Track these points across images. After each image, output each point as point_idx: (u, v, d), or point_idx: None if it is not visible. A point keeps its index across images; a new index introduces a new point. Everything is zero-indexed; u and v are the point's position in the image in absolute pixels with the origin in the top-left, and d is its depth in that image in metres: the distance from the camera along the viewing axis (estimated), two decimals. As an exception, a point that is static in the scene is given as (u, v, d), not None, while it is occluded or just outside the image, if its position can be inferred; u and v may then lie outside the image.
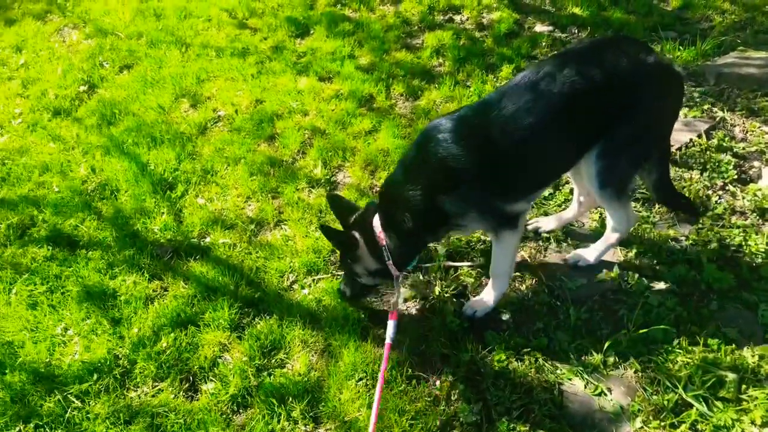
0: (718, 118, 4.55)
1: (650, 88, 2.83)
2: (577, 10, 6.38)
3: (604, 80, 2.77)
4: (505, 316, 3.22)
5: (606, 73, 2.78)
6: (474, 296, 3.36)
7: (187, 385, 3.08)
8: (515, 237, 3.08)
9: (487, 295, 3.27)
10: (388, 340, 2.93)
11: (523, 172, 2.90)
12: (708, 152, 4.17)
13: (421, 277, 3.50)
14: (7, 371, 3.16)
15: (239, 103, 5.22)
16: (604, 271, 3.39)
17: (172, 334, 3.27)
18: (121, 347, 3.25)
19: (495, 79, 5.31)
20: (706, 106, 4.70)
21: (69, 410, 2.96)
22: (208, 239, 3.91)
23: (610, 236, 3.37)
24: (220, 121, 5.09)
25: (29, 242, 3.97)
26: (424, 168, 2.92)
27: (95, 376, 3.11)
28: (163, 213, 4.10)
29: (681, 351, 2.93)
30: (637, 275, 3.34)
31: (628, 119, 2.84)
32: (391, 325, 3.00)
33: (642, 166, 3.06)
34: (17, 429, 2.91)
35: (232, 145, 4.70)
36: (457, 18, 6.55)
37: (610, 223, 3.33)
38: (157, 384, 3.08)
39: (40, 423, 2.92)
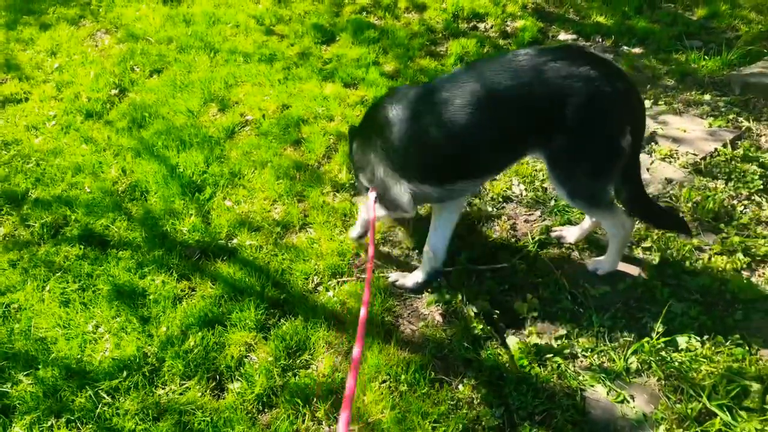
0: (743, 128, 4.52)
1: (581, 99, 2.77)
2: (601, 19, 6.37)
3: (527, 87, 2.80)
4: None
5: (530, 81, 2.80)
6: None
7: (213, 383, 3.10)
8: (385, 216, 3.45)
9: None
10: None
11: (426, 157, 3.09)
12: (733, 162, 4.14)
13: (445, 282, 3.50)
14: (40, 366, 3.21)
15: (266, 108, 5.26)
16: (627, 279, 3.40)
17: (200, 334, 3.30)
18: (149, 345, 3.28)
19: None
20: (731, 116, 4.67)
21: (99, 406, 3.00)
22: (235, 241, 3.94)
23: (612, 241, 3.38)
24: (247, 126, 5.13)
25: (62, 241, 4.03)
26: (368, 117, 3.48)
27: (125, 373, 3.14)
28: (191, 214, 4.14)
29: (705, 360, 2.90)
30: (659, 283, 3.33)
31: (563, 129, 2.83)
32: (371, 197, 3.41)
33: (604, 177, 3.00)
34: (49, 423, 2.95)
35: (259, 149, 4.74)
36: (481, 26, 6.56)
37: (607, 230, 3.37)
38: (184, 382, 3.11)
39: (72, 418, 2.96)
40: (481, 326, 3.21)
